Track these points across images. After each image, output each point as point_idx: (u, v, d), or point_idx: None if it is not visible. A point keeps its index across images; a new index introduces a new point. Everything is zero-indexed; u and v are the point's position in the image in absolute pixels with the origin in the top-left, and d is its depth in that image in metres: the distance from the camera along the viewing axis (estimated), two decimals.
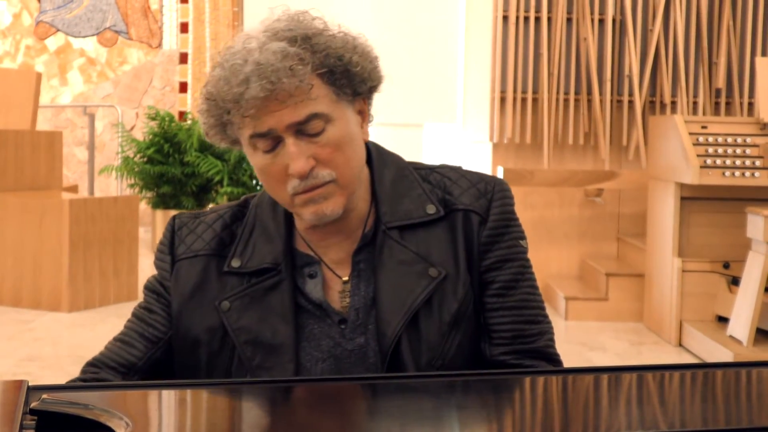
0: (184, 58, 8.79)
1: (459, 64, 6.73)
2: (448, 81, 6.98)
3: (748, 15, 6.10)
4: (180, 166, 7.40)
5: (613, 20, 6.08)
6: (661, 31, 6.04)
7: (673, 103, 6.09)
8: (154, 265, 1.51)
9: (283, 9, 1.38)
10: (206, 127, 1.40)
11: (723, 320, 4.69)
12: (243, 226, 1.47)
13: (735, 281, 4.63)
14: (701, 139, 4.79)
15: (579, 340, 4.89)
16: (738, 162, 4.68)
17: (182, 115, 8.52)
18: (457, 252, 1.43)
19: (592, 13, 6.05)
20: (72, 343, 4.68)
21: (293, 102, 1.32)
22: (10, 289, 5.43)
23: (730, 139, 4.77)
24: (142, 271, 6.23)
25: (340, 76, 1.36)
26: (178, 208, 7.39)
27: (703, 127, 4.86)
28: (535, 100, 6.12)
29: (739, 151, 4.73)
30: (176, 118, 8.07)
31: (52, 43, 8.91)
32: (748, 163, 4.69)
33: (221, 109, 1.35)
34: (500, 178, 1.48)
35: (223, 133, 1.40)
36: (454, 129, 7.10)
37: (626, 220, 6.05)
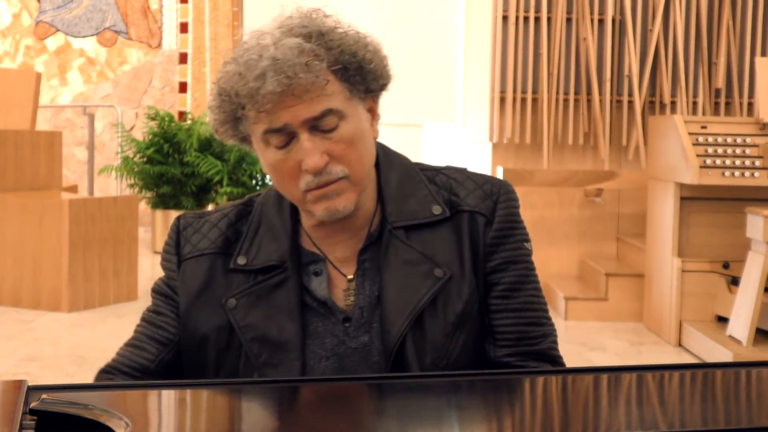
0: (183, 58, 8.79)
1: (459, 64, 6.73)
2: (448, 81, 6.99)
3: (747, 15, 6.10)
4: (180, 166, 7.40)
5: (613, 20, 6.08)
6: (661, 31, 6.04)
7: (673, 103, 6.09)
8: (161, 266, 1.51)
9: (296, 6, 1.38)
10: (216, 123, 1.40)
11: (723, 320, 4.69)
12: (248, 224, 1.48)
13: (735, 281, 4.63)
14: (701, 139, 4.79)
15: (579, 340, 4.89)
16: (738, 162, 4.68)
17: (182, 115, 8.52)
18: (463, 253, 1.43)
19: (592, 13, 6.05)
20: (72, 343, 4.68)
21: (309, 97, 1.33)
22: (10, 289, 5.43)
23: (729, 139, 4.77)
24: (142, 271, 6.23)
25: (354, 73, 1.37)
26: (177, 208, 7.39)
27: (703, 127, 4.86)
28: (535, 100, 6.12)
29: (738, 151, 4.73)
30: (176, 118, 8.07)
31: (52, 43, 8.91)
32: (747, 163, 4.69)
33: (235, 105, 1.35)
34: (506, 180, 1.49)
35: (235, 129, 1.40)
36: (453, 129, 7.11)
37: (626, 220, 6.05)
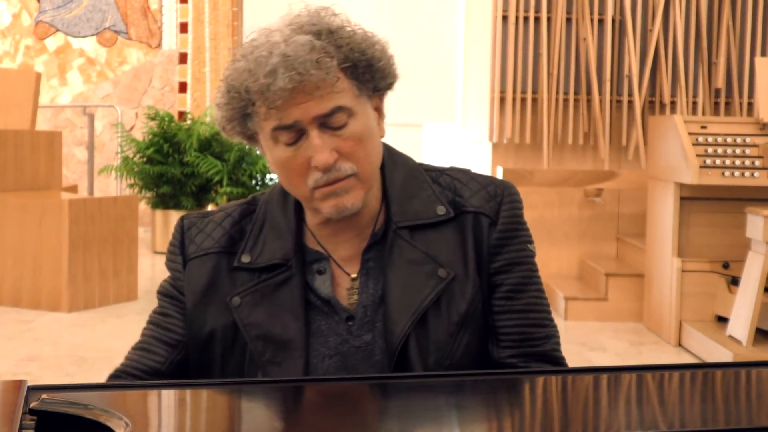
0: (183, 58, 8.78)
1: (459, 64, 6.73)
2: (448, 81, 6.99)
3: (747, 15, 6.10)
4: (179, 166, 7.40)
5: (613, 20, 6.08)
6: (661, 31, 6.04)
7: (673, 103, 6.09)
8: (166, 267, 1.51)
9: (305, 5, 1.39)
10: (224, 120, 1.40)
11: (722, 320, 4.69)
12: (252, 223, 1.48)
13: (734, 281, 4.63)
14: (701, 139, 4.79)
15: (579, 340, 4.89)
16: (737, 162, 4.68)
17: (182, 115, 8.51)
18: (467, 254, 1.44)
19: (592, 13, 6.05)
20: (72, 343, 4.68)
21: (319, 94, 1.33)
22: (10, 289, 5.43)
23: (729, 139, 4.77)
24: (142, 271, 6.23)
25: (363, 71, 1.38)
26: (177, 209, 7.39)
27: (703, 127, 4.86)
28: (535, 100, 6.12)
29: (738, 151, 4.73)
30: (176, 118, 8.06)
31: (52, 43, 8.91)
32: (747, 163, 4.69)
33: (244, 101, 1.36)
34: (509, 182, 1.49)
35: (242, 126, 1.40)
36: (453, 129, 7.11)
37: (626, 220, 6.05)
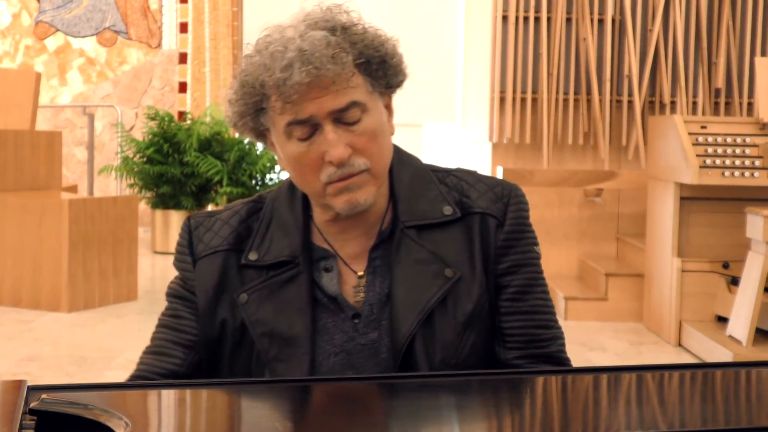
0: (183, 58, 8.78)
1: (459, 64, 6.73)
2: (448, 81, 6.99)
3: (747, 15, 6.10)
4: (179, 166, 7.40)
5: (613, 20, 6.08)
6: (661, 31, 6.04)
7: (673, 103, 6.09)
8: (175, 267, 1.51)
9: (318, 3, 1.41)
10: (236, 116, 1.41)
11: (722, 320, 4.69)
12: (260, 220, 1.48)
13: (734, 281, 4.63)
14: (701, 139, 4.79)
15: (579, 340, 4.88)
16: (737, 162, 4.68)
17: (182, 115, 8.51)
18: (473, 254, 1.44)
19: (592, 13, 6.05)
20: (72, 343, 4.68)
21: (335, 89, 1.34)
22: (10, 289, 5.43)
23: (729, 139, 4.77)
24: (142, 271, 6.23)
25: (376, 68, 1.40)
26: (177, 209, 7.39)
27: (703, 127, 4.85)
28: (535, 100, 6.12)
29: (738, 151, 4.73)
30: (176, 118, 8.06)
31: (52, 43, 8.91)
32: (747, 163, 4.69)
33: (259, 96, 1.37)
34: (515, 184, 1.50)
35: (255, 122, 1.41)
36: (453, 129, 7.11)
37: (626, 220, 6.05)
